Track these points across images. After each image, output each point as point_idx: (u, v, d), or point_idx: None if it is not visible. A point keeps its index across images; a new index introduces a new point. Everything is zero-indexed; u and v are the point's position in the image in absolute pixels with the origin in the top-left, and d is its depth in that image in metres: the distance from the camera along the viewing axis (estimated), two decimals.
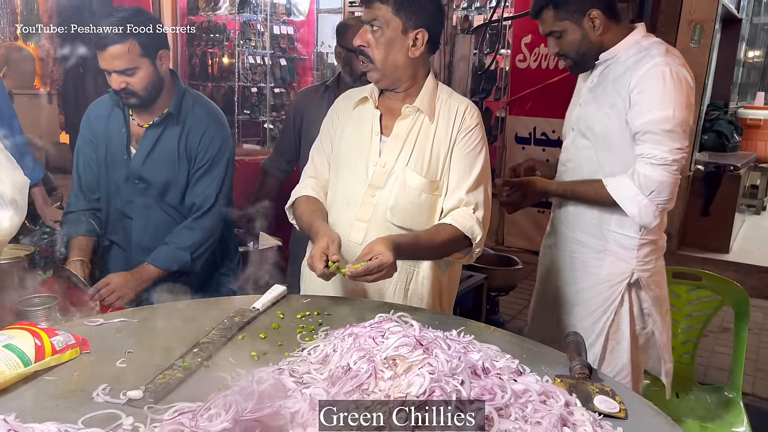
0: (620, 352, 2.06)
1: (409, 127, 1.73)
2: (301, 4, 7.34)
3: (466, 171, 1.72)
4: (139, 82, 1.94)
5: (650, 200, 1.86)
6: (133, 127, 2.08)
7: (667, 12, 4.57)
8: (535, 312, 2.38)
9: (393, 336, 1.16)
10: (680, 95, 1.83)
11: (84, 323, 1.40)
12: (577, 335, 1.37)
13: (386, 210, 1.71)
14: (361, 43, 1.67)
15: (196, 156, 2.09)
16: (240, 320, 1.44)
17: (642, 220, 1.91)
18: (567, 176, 2.14)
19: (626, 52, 1.95)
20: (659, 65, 1.84)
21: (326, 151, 1.86)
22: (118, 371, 1.21)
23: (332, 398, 1.03)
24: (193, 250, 2.06)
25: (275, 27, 7.14)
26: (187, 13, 7.22)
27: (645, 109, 1.84)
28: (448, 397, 0.92)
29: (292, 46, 7.44)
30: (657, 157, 1.83)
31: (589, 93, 2.04)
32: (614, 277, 2.02)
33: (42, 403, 1.08)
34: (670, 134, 1.82)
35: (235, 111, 6.94)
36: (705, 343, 3.84)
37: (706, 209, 5.25)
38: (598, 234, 2.04)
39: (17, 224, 1.29)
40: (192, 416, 0.95)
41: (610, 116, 1.94)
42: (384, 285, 1.75)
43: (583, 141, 2.05)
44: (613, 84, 1.95)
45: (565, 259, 2.18)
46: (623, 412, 1.12)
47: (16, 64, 7.26)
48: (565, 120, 2.22)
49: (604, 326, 2.03)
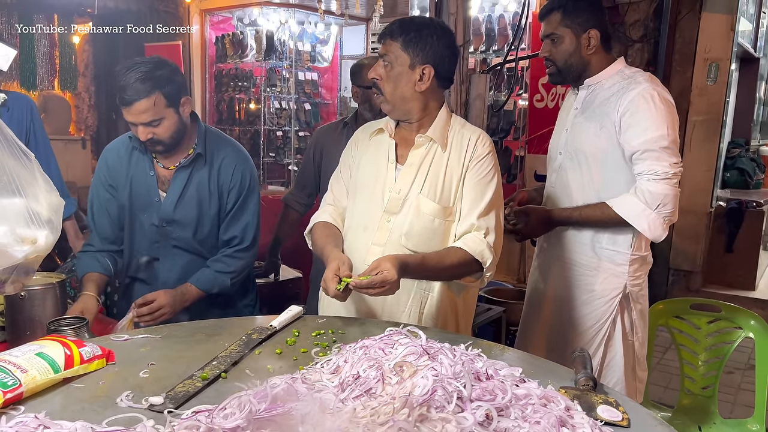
0: (615, 365, 2.14)
1: (423, 156, 1.81)
2: (325, 52, 7.58)
3: (478, 197, 1.78)
4: (165, 132, 1.98)
5: (657, 214, 1.96)
6: (159, 169, 2.13)
7: (682, 51, 4.65)
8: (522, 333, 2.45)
9: (401, 347, 1.21)
10: (670, 116, 1.97)
11: (110, 339, 1.48)
12: (583, 351, 1.40)
13: (401, 235, 1.78)
14: (374, 76, 1.78)
15: (230, 191, 2.14)
16: (258, 337, 1.50)
17: (652, 233, 1.99)
18: (555, 198, 2.26)
19: (610, 80, 2.10)
20: (648, 90, 1.99)
21: (345, 178, 1.95)
22: (141, 380, 1.27)
23: (342, 402, 1.08)
24: (234, 276, 2.14)
25: (300, 73, 7.36)
26: (215, 61, 7.52)
27: (640, 130, 1.96)
28: (449, 396, 0.96)
29: (316, 91, 7.65)
30: (659, 172, 1.94)
31: (575, 118, 2.18)
32: (608, 292, 2.12)
33: (70, 406, 1.15)
34: (667, 150, 1.95)
35: (261, 153, 7.12)
36: (731, 380, 3.78)
37: (730, 246, 5.19)
38: (591, 252, 2.15)
39: (52, 243, 1.38)
40: (208, 414, 1.00)
41: (600, 137, 2.06)
42: (398, 309, 1.81)
43: (571, 163, 2.18)
44: (600, 107, 2.08)
45: (555, 279, 2.26)
46: (626, 421, 1.14)
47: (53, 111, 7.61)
48: (550, 146, 2.35)
49: (602, 341, 2.12)
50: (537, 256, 2.40)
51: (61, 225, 1.42)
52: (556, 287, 2.27)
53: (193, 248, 2.17)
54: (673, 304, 2.62)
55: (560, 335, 2.25)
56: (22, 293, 1.83)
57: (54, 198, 1.40)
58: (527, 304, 2.45)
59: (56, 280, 2.00)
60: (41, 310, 1.90)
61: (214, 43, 7.46)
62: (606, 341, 2.14)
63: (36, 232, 1.33)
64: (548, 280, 2.31)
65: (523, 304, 3.66)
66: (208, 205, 2.14)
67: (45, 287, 1.94)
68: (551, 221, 2.18)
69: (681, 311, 2.56)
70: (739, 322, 2.44)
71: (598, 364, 2.12)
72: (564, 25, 2.11)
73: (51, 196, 1.39)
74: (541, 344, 2.31)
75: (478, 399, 0.99)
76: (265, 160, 7.21)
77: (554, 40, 2.13)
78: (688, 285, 4.94)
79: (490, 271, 1.77)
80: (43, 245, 1.36)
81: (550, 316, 2.30)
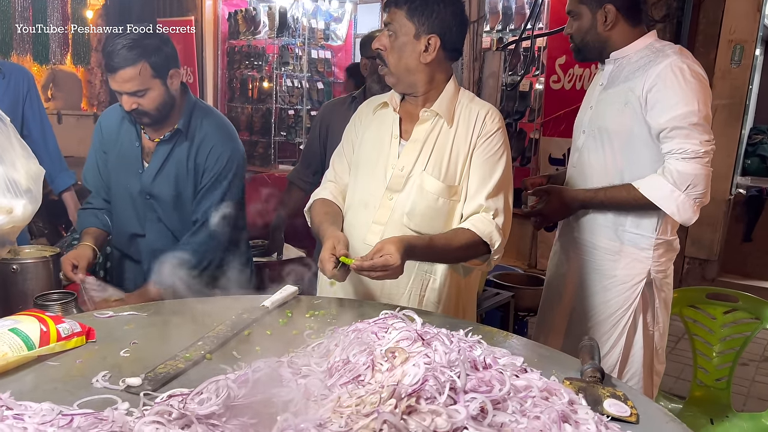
0: (634, 357, 2.05)
1: (428, 132, 1.72)
2: (339, 30, 7.44)
3: (486, 177, 1.69)
4: (151, 103, 1.92)
5: (687, 195, 1.84)
6: (145, 141, 2.08)
7: (706, 32, 4.49)
8: (540, 321, 2.35)
9: (395, 331, 1.13)
10: (701, 90, 1.84)
11: (94, 315, 1.41)
12: (592, 340, 1.32)
13: (403, 214, 1.69)
14: (378, 47, 1.69)
15: (203, 171, 2.06)
16: (248, 317, 1.43)
17: (681, 216, 1.88)
18: (576, 179, 2.15)
19: (638, 53, 1.98)
20: (676, 63, 1.86)
21: (347, 155, 1.87)
22: (121, 360, 1.21)
23: (328, 389, 1.00)
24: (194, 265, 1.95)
25: (313, 51, 7.24)
26: (228, 38, 7.42)
27: (668, 105, 1.84)
28: (441, 386, 0.88)
29: (329, 70, 7.53)
30: (688, 150, 1.82)
31: (601, 94, 2.07)
32: (631, 278, 2.00)
33: (42, 385, 1.08)
34: (697, 127, 1.82)
35: (272, 132, 7.04)
36: (745, 371, 3.68)
37: (749, 235, 5.06)
38: (613, 236, 2.03)
39: (31, 213, 1.31)
40: (182, 399, 0.93)
41: (624, 113, 1.94)
42: (398, 291, 1.73)
43: (594, 143, 2.06)
44: (624, 83, 1.96)
45: (576, 264, 2.16)
46: (635, 416, 1.06)
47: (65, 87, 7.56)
48: (575, 124, 2.23)
49: (623, 330, 2.01)
50: (558, 239, 2.30)
51: (41, 194, 1.35)
52: (576, 272, 2.17)
53: (174, 227, 2.10)
54: (689, 293, 2.53)
55: (579, 323, 2.15)
56: (14, 266, 1.78)
57: (33, 166, 1.33)
58: (547, 290, 2.34)
59: (50, 254, 1.94)
60: (34, 284, 1.84)
61: (227, 19, 7.36)
62: (627, 331, 2.04)
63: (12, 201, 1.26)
64: (569, 264, 2.20)
65: (532, 289, 3.61)
66: (185, 183, 2.06)
67: (38, 260, 1.88)
68: (574, 202, 2.06)
69: (696, 300, 2.47)
70: (758, 313, 2.35)
71: (618, 354, 2.03)
72: (580, 2, 2.02)
73: (30, 164, 1.32)
74: (560, 332, 2.22)
75: (473, 390, 0.91)
76: (277, 139, 7.13)
77: (574, 17, 2.06)
78: (703, 274, 4.81)
79: (497, 254, 1.68)
80: (21, 215, 1.29)
81: (569, 302, 2.20)
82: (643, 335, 2.04)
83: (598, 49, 2.05)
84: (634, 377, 2.06)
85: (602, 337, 2.05)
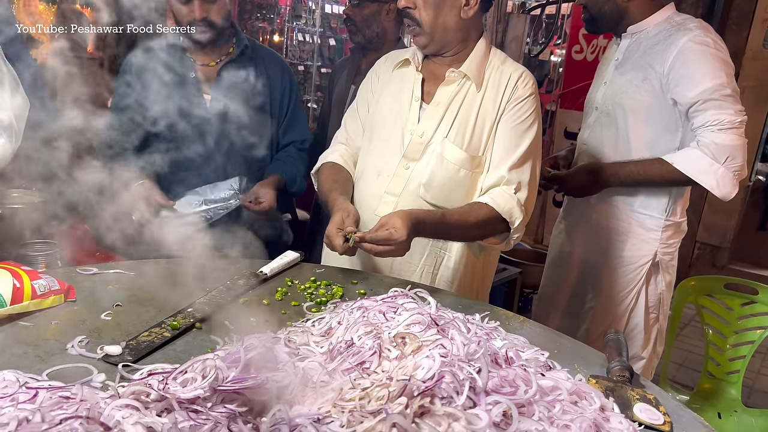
0: (634, 338, 2.02)
1: (453, 95, 1.56)
2: None
3: (512, 146, 1.54)
4: (219, 12, 1.87)
5: (726, 168, 1.76)
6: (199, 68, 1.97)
7: (740, 8, 4.27)
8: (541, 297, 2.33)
9: (406, 313, 1.02)
10: (728, 63, 1.79)
11: (77, 271, 1.30)
12: (618, 333, 1.20)
13: (419, 185, 1.55)
14: (407, 5, 1.51)
15: (282, 94, 2.06)
16: (244, 283, 1.32)
17: (721, 191, 1.80)
18: (586, 157, 2.10)
19: (656, 27, 1.91)
20: (699, 37, 1.79)
21: (361, 115, 1.72)
22: (102, 324, 1.09)
23: (328, 375, 0.89)
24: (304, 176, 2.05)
25: (327, 5, 7.00)
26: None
27: (695, 80, 1.77)
28: (460, 385, 0.77)
29: (342, 27, 7.31)
30: (724, 121, 1.75)
31: (616, 70, 2.00)
32: (637, 259, 1.98)
33: (9, 348, 0.97)
34: (729, 98, 1.76)
35: None
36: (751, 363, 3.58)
37: (764, 223, 4.92)
38: (621, 215, 2.00)
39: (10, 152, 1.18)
40: (163, 378, 0.82)
41: (642, 90, 1.88)
42: (409, 267, 1.60)
43: (607, 119, 2.00)
44: (643, 57, 1.89)
45: (581, 243, 2.13)
46: (668, 425, 0.95)
47: None
48: (586, 100, 2.18)
49: (625, 311, 2.01)
50: (563, 217, 2.24)
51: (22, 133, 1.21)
52: (581, 251, 2.12)
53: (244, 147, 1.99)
54: (706, 281, 2.41)
55: (580, 302, 2.12)
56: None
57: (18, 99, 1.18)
58: (549, 267, 2.29)
59: (38, 200, 1.82)
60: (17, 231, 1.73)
61: None
62: (629, 312, 2.01)
63: None
64: (574, 243, 2.15)
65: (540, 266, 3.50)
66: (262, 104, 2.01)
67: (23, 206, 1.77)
68: (602, 176, 1.95)
69: (713, 290, 2.37)
70: None
71: None
72: None
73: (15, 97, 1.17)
74: (559, 310, 2.19)
75: (495, 391, 0.79)
76: None
77: None
78: (713, 260, 4.69)
79: (518, 233, 1.54)
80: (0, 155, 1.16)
81: (573, 281, 2.16)
82: (644, 316, 2.01)
83: (615, 21, 1.96)
84: (634, 358, 2.04)
85: (604, 318, 2.03)
